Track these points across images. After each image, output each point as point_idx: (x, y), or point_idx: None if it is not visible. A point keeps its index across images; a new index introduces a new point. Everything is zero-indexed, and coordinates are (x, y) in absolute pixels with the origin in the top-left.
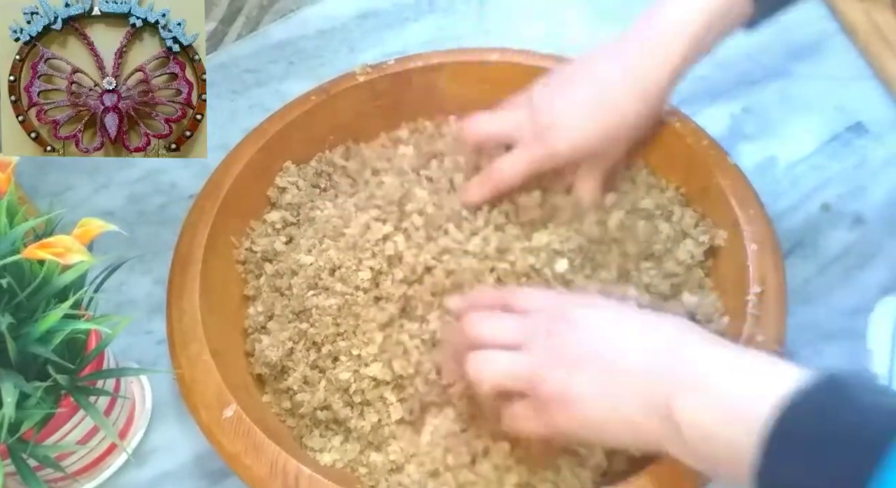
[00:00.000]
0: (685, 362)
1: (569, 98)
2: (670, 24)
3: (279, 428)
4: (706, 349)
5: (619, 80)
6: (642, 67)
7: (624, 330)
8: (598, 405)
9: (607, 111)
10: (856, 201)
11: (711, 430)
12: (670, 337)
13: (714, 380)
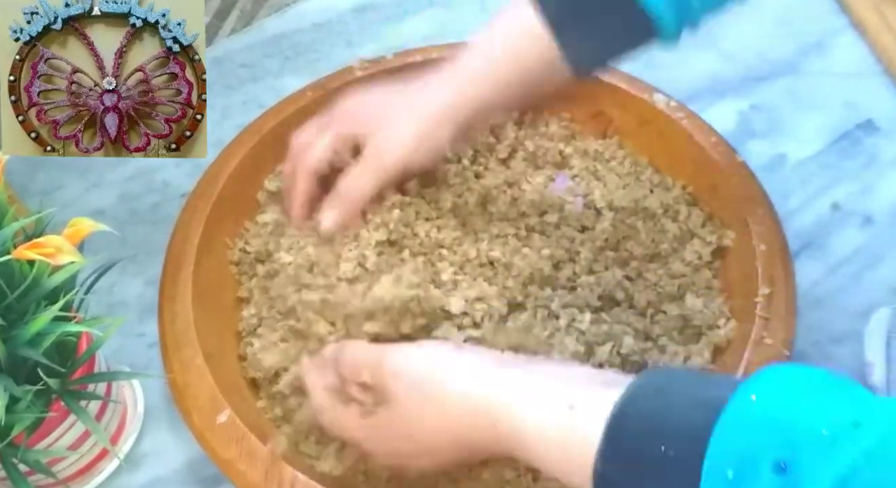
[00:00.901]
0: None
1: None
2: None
3: (274, 433)
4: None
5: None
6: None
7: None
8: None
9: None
10: (865, 200)
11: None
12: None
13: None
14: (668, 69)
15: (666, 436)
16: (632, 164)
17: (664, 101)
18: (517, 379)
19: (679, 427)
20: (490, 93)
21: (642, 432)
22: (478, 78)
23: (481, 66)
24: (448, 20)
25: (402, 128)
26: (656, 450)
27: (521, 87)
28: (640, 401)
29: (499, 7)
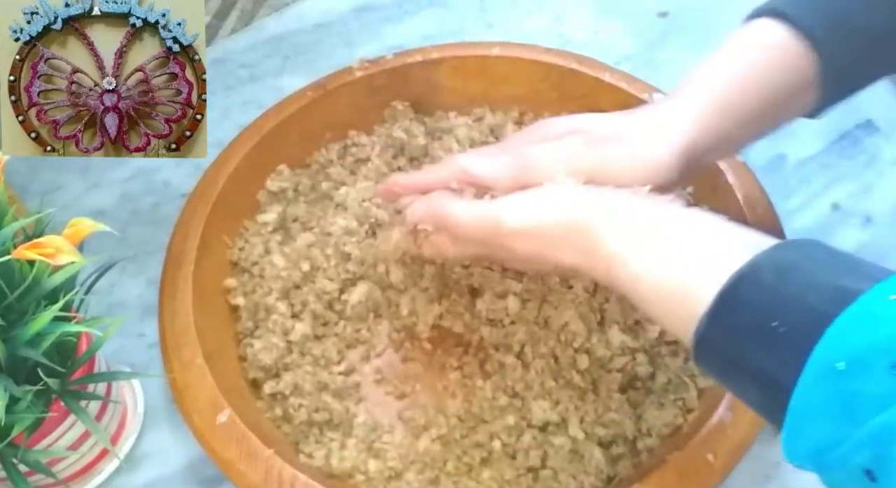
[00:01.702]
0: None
1: None
2: (678, 107)
3: (274, 433)
4: (643, 236)
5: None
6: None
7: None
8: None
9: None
10: (866, 200)
11: (651, 298)
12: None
13: (644, 268)
14: (669, 70)
15: (781, 313)
16: None
17: None
18: (642, 230)
19: (798, 307)
20: (731, 120)
21: (757, 303)
22: (715, 107)
23: (720, 90)
24: (448, 20)
25: (627, 139)
26: (767, 324)
27: (766, 112)
28: (763, 272)
29: (499, 8)
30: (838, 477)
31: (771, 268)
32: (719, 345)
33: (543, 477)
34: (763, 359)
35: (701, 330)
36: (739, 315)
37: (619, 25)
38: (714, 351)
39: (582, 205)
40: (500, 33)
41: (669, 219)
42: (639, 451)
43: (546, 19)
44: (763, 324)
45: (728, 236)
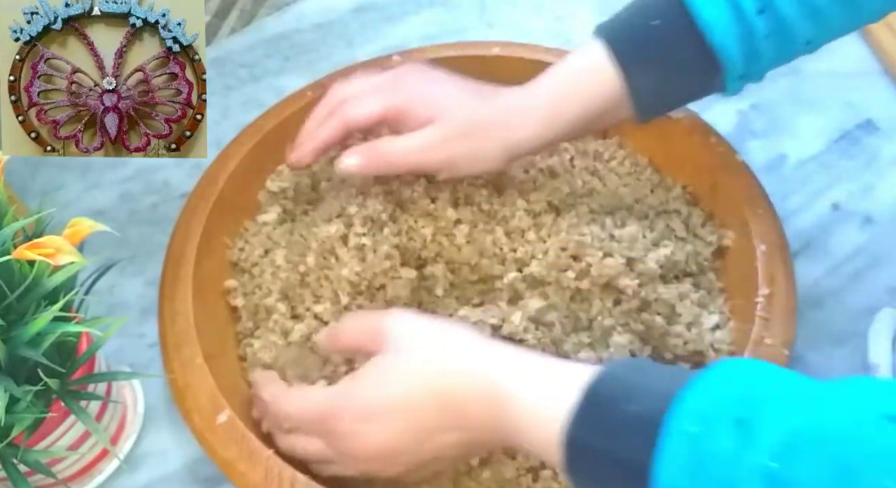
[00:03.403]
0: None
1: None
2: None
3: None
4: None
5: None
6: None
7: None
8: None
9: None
10: (866, 200)
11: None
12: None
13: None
14: None
15: (637, 396)
16: (632, 164)
17: None
18: (514, 358)
19: (650, 388)
20: (553, 129)
21: (616, 395)
22: (545, 115)
23: (548, 101)
24: (448, 20)
25: (457, 139)
26: (626, 409)
27: (579, 124)
28: (615, 374)
29: (500, 8)
30: None
31: (622, 369)
32: (585, 441)
33: (543, 477)
34: (625, 443)
35: (568, 430)
36: (601, 408)
37: None
38: (582, 448)
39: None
40: (500, 33)
41: (516, 357)
42: None
43: (546, 19)
44: (621, 411)
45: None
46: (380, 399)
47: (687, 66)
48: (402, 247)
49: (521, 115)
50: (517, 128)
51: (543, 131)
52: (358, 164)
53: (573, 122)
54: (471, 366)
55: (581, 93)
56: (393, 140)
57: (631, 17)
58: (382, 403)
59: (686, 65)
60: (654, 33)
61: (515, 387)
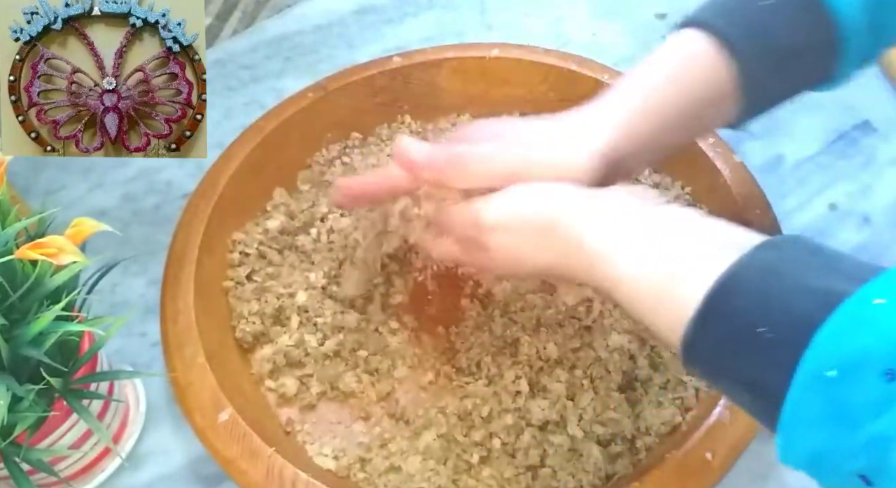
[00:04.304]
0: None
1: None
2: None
3: (276, 431)
4: (629, 234)
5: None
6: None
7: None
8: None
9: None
10: (863, 201)
11: (639, 304)
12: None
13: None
14: None
15: (767, 319)
16: None
17: None
18: (625, 229)
19: (785, 312)
20: (646, 124)
21: (742, 309)
22: (637, 111)
23: (642, 98)
24: (448, 21)
25: (546, 142)
26: (753, 331)
27: (682, 118)
28: (748, 276)
29: (499, 9)
30: (834, 481)
31: (755, 271)
32: (707, 352)
33: (543, 476)
34: (752, 367)
35: (688, 336)
36: (725, 322)
37: (618, 27)
38: (702, 357)
39: (562, 203)
40: (499, 35)
41: (652, 219)
42: (637, 450)
43: (545, 21)
44: (749, 331)
45: (713, 235)
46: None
47: (806, 46)
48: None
49: (606, 112)
50: (599, 125)
51: (637, 126)
52: (429, 152)
53: (674, 116)
54: (581, 249)
55: (680, 79)
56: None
57: (729, 1)
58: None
59: (805, 45)
60: (764, 12)
61: (627, 267)
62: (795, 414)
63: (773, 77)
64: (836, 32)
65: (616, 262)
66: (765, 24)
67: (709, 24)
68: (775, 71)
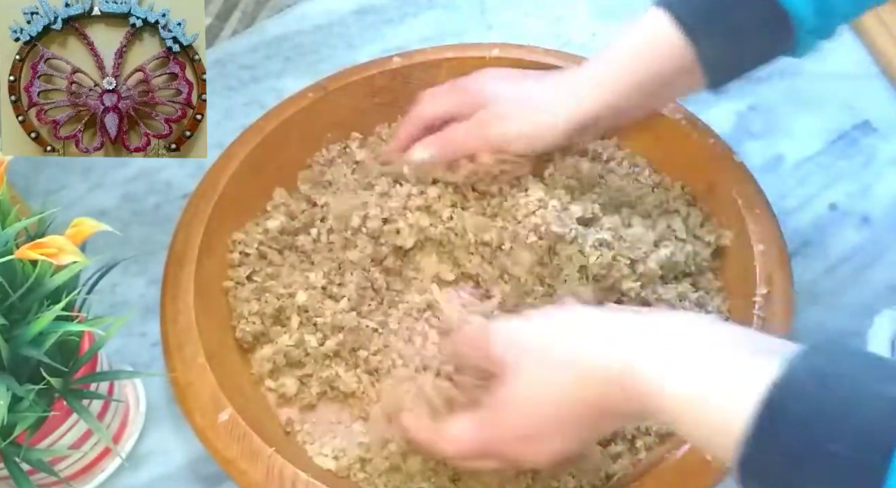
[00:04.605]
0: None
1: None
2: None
3: (276, 431)
4: (669, 357)
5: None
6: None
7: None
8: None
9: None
10: (863, 200)
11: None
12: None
13: (673, 386)
14: None
15: (835, 431)
16: (631, 165)
17: None
18: (656, 342)
19: (855, 425)
20: (617, 96)
21: (802, 417)
22: (605, 81)
23: (609, 70)
24: (448, 21)
25: (521, 115)
26: (820, 445)
27: (651, 91)
28: (800, 384)
29: (499, 9)
30: None
31: (806, 379)
32: (768, 469)
33: (542, 476)
34: (822, 482)
35: (745, 452)
36: (785, 433)
37: (618, 27)
38: (763, 475)
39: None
40: (499, 35)
41: (687, 336)
42: (637, 450)
43: (545, 21)
44: (816, 445)
45: (749, 342)
46: (533, 425)
47: (756, 27)
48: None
49: (578, 84)
50: (572, 96)
51: (605, 97)
52: (430, 154)
53: (639, 88)
54: (610, 363)
55: (646, 59)
56: (454, 127)
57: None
58: (537, 427)
59: (755, 26)
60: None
61: (671, 386)
62: None
63: (729, 53)
64: (785, 12)
65: (662, 385)
66: (719, 4)
67: (671, 6)
68: (732, 47)
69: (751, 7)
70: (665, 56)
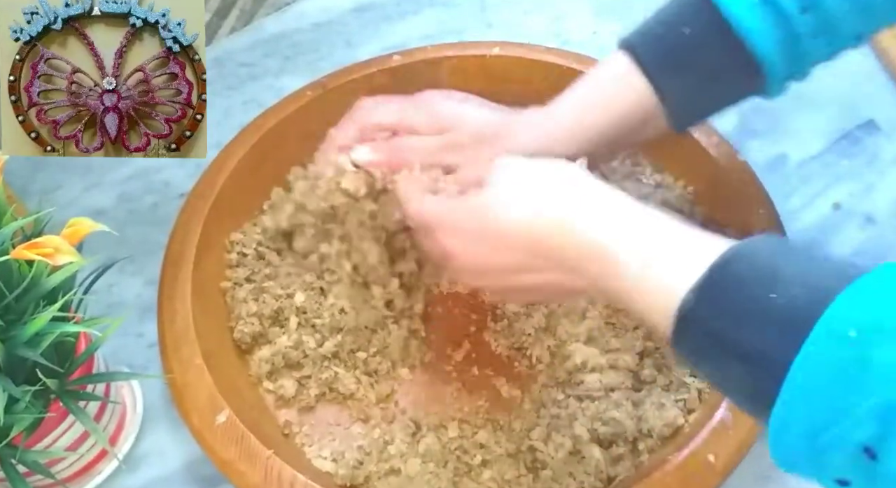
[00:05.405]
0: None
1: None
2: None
3: (274, 433)
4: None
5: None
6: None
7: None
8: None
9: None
10: (867, 200)
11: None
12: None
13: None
14: None
15: (780, 287)
16: (633, 164)
17: None
18: (628, 220)
19: (800, 282)
20: (587, 144)
21: (751, 278)
22: (568, 125)
23: (573, 114)
24: (448, 19)
25: (469, 146)
26: (762, 297)
27: (608, 134)
28: (757, 252)
29: (499, 7)
30: (832, 459)
31: (765, 250)
32: (705, 322)
33: (543, 478)
34: (756, 333)
35: (686, 306)
36: (731, 289)
37: (618, 25)
38: (698, 329)
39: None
40: (499, 33)
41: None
42: (639, 452)
43: (545, 19)
44: (757, 298)
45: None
46: (473, 225)
47: (725, 72)
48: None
49: (538, 125)
50: (532, 137)
51: (566, 141)
52: (371, 156)
53: (600, 133)
54: (575, 217)
55: (607, 101)
56: (408, 137)
57: (657, 27)
58: (474, 229)
59: (724, 72)
60: (685, 41)
61: (627, 253)
62: (803, 378)
63: (695, 98)
64: (754, 60)
65: (617, 251)
66: (685, 49)
67: (634, 50)
68: (698, 92)
69: (719, 52)
70: (627, 99)
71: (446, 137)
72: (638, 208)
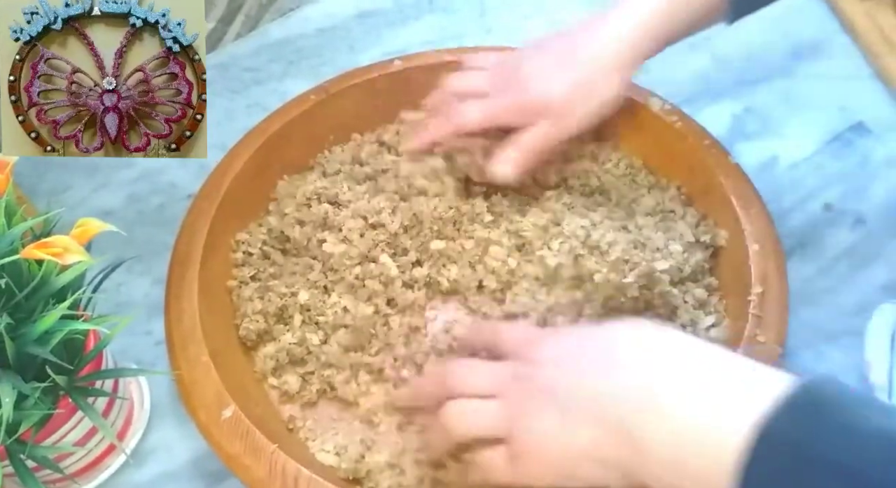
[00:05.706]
0: (643, 382)
1: (541, 60)
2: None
3: (279, 428)
4: (671, 367)
5: (588, 57)
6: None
7: (585, 356)
8: (560, 441)
9: (577, 72)
10: (857, 201)
11: (675, 457)
12: (633, 357)
13: (672, 403)
14: (662, 73)
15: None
16: (627, 166)
17: (659, 105)
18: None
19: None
20: (659, 43)
21: (797, 443)
22: (650, 21)
23: (649, 8)
24: (448, 25)
25: (568, 114)
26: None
27: (685, 22)
28: (799, 410)
29: (498, 12)
30: None
31: (807, 404)
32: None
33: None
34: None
35: (743, 461)
36: (781, 452)
37: None
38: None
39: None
40: (499, 37)
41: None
42: None
43: (544, 23)
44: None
45: (747, 371)
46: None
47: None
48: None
49: (624, 36)
50: (622, 41)
51: (649, 44)
52: (513, 169)
53: (675, 28)
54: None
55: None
56: (521, 138)
57: None
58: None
59: None
60: None
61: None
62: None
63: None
64: None
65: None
66: None
67: None
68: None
69: None
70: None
71: (543, 130)
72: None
